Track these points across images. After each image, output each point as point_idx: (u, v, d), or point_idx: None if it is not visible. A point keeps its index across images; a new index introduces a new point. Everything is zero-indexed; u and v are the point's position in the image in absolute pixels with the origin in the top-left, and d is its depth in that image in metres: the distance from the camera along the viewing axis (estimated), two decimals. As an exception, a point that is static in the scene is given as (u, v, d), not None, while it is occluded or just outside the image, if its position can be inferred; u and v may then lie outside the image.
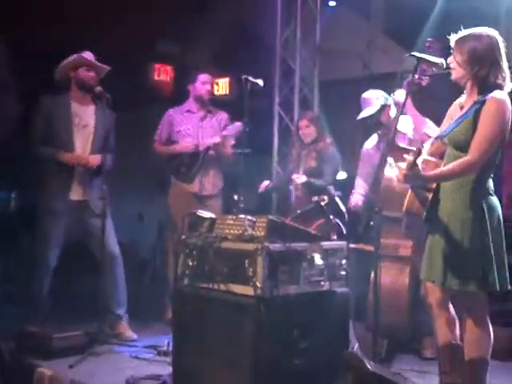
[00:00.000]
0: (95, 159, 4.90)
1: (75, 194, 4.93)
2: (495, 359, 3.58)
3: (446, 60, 3.48)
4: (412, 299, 4.58)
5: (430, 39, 3.61)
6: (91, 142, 4.95)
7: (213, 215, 3.75)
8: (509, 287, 3.39)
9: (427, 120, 4.73)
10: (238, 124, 5.17)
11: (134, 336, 4.97)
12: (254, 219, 3.45)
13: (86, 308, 4.89)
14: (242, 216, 3.52)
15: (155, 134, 5.58)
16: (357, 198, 5.07)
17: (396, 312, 4.30)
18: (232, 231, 3.51)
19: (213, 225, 3.64)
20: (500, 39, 3.37)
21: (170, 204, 5.53)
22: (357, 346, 4.09)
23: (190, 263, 3.60)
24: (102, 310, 4.84)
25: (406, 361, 4.65)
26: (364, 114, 4.92)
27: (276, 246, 3.33)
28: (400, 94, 4.51)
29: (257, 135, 6.19)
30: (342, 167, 5.74)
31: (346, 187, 5.32)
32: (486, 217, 3.32)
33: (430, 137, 4.60)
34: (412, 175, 3.23)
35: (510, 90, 3.37)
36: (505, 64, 3.36)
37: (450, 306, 3.57)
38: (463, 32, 3.41)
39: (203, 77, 5.51)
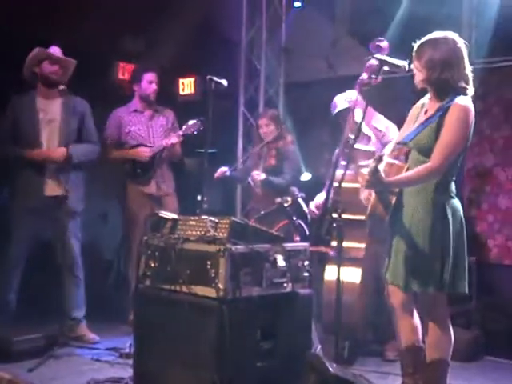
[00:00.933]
0: (57, 153, 4.81)
1: (50, 190, 4.84)
2: (455, 360, 3.62)
3: (408, 60, 3.50)
4: (370, 301, 4.61)
5: (379, 38, 3.62)
6: (58, 135, 4.87)
7: (175, 216, 3.72)
8: (466, 290, 3.42)
9: (378, 114, 4.78)
10: (195, 123, 5.14)
11: (96, 338, 4.92)
12: (217, 220, 3.43)
13: (47, 310, 4.83)
14: (205, 217, 3.50)
15: (104, 136, 5.44)
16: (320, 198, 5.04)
17: (351, 314, 4.31)
18: (194, 232, 3.49)
19: (175, 226, 3.61)
20: (461, 42, 3.40)
21: (129, 206, 5.47)
22: (319, 347, 4.09)
23: (152, 264, 3.57)
24: (62, 313, 4.78)
25: (369, 362, 4.68)
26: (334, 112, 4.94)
27: (238, 248, 3.31)
28: (352, 94, 4.57)
29: (222, 135, 6.17)
30: (306, 168, 5.75)
31: (311, 188, 5.31)
32: (449, 219, 3.35)
33: (379, 130, 4.64)
34: (374, 181, 3.24)
35: (472, 93, 3.40)
36: (467, 67, 3.38)
37: (414, 309, 3.59)
38: (424, 38, 3.42)
39: (149, 75, 5.44)
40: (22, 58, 4.91)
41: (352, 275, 4.42)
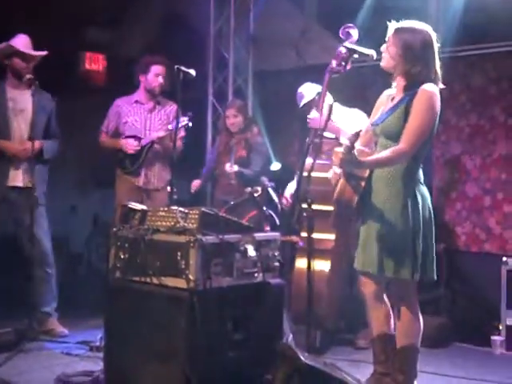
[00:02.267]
0: (28, 147, 4.74)
1: (13, 181, 4.78)
2: (423, 346, 3.65)
3: (375, 49, 3.50)
4: (340, 291, 4.63)
5: (349, 25, 3.62)
6: (29, 127, 4.81)
7: (144, 207, 3.68)
8: (435, 277, 3.46)
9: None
10: (184, 118, 5.07)
11: (66, 332, 4.88)
12: (187, 211, 3.41)
13: (15, 304, 4.77)
14: (175, 208, 3.47)
15: (102, 124, 5.46)
16: (289, 191, 5.05)
17: (320, 303, 4.33)
18: (164, 223, 3.46)
19: (144, 217, 3.58)
20: (434, 36, 3.41)
21: (117, 195, 5.40)
22: (291, 337, 4.10)
23: (122, 256, 3.53)
24: (31, 308, 4.72)
25: (340, 351, 4.72)
26: (300, 104, 4.95)
27: (209, 238, 3.29)
28: (317, 87, 4.58)
29: (191, 125, 6.11)
30: (276, 158, 5.75)
31: (281, 178, 5.32)
32: (420, 205, 3.39)
33: (334, 126, 4.64)
34: (349, 159, 3.25)
35: (441, 87, 3.42)
36: (437, 63, 3.40)
37: (385, 297, 3.62)
38: (401, 24, 3.43)
39: (157, 68, 5.32)
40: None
41: (322, 265, 4.44)
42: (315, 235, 4.43)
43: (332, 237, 4.63)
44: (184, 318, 3.22)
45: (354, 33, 3.61)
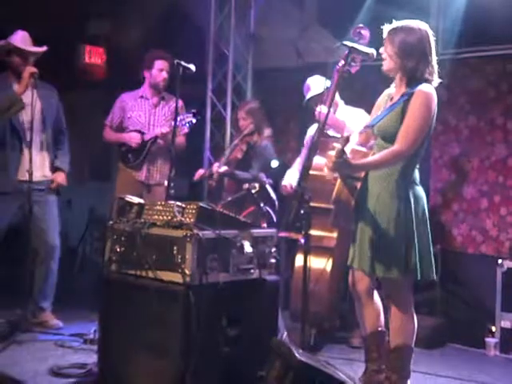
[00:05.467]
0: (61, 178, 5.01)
1: (23, 175, 4.72)
2: (418, 347, 3.66)
3: (377, 50, 3.50)
4: (338, 290, 4.63)
5: (360, 25, 3.61)
6: (41, 121, 4.84)
7: (141, 200, 3.67)
8: (433, 276, 3.46)
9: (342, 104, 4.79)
10: (189, 115, 5.05)
11: (60, 324, 4.88)
12: (184, 205, 3.40)
13: (8, 294, 4.76)
14: (172, 202, 3.46)
15: (106, 118, 5.47)
16: (289, 179, 5.03)
17: (319, 302, 4.33)
18: (161, 217, 3.45)
19: (141, 211, 3.57)
20: (430, 33, 3.43)
21: (117, 188, 5.37)
22: (285, 334, 4.09)
23: (118, 249, 3.52)
24: (27, 300, 4.72)
25: (335, 349, 4.73)
26: (307, 96, 4.92)
27: (205, 233, 3.29)
28: (326, 81, 4.54)
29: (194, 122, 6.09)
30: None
31: (279, 175, 5.31)
32: (412, 206, 3.39)
33: (338, 119, 4.64)
34: (341, 163, 3.25)
35: (437, 85, 3.42)
36: (434, 59, 3.41)
37: (375, 293, 3.63)
38: (395, 24, 3.45)
39: (160, 63, 5.32)
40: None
41: (322, 263, 4.43)
42: (318, 233, 4.46)
43: (334, 235, 4.61)
44: (179, 313, 3.22)
45: (366, 33, 3.60)
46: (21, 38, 4.80)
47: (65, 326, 4.86)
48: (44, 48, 4.85)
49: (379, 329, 3.63)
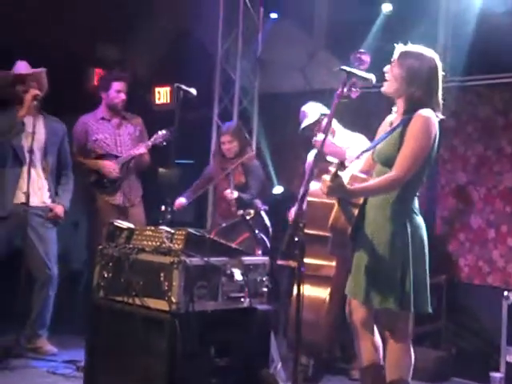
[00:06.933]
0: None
1: (21, 198, 4.68)
2: (423, 380, 3.54)
3: (376, 76, 3.43)
4: (338, 320, 4.51)
5: (361, 50, 3.55)
6: (40, 147, 4.81)
7: (131, 225, 3.62)
8: (429, 310, 3.34)
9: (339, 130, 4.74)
10: (164, 133, 5.05)
11: (54, 350, 4.81)
12: (173, 231, 3.34)
13: (1, 320, 4.69)
14: (162, 228, 3.40)
15: (73, 145, 5.34)
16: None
17: (318, 332, 4.22)
18: (150, 243, 3.40)
19: (131, 236, 3.52)
20: (439, 64, 3.35)
21: (97, 215, 5.34)
22: (280, 365, 3.99)
23: (106, 275, 3.47)
24: (22, 325, 4.68)
25: (334, 381, 4.63)
26: (303, 125, 4.88)
27: (193, 260, 3.22)
28: (322, 107, 4.50)
29: (198, 146, 6.06)
30: (279, 181, 5.67)
31: (282, 202, 5.24)
32: (409, 233, 3.29)
33: (337, 146, 4.57)
34: (335, 187, 3.17)
35: (441, 116, 3.34)
36: (439, 89, 3.33)
37: (375, 326, 3.52)
38: (408, 47, 3.37)
39: (117, 85, 5.32)
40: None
41: (321, 293, 4.33)
42: (317, 261, 4.36)
43: (334, 263, 4.51)
44: (165, 341, 3.17)
45: (366, 58, 3.54)
46: (19, 67, 4.81)
47: (59, 352, 4.79)
48: (42, 69, 4.84)
49: (376, 362, 3.51)
